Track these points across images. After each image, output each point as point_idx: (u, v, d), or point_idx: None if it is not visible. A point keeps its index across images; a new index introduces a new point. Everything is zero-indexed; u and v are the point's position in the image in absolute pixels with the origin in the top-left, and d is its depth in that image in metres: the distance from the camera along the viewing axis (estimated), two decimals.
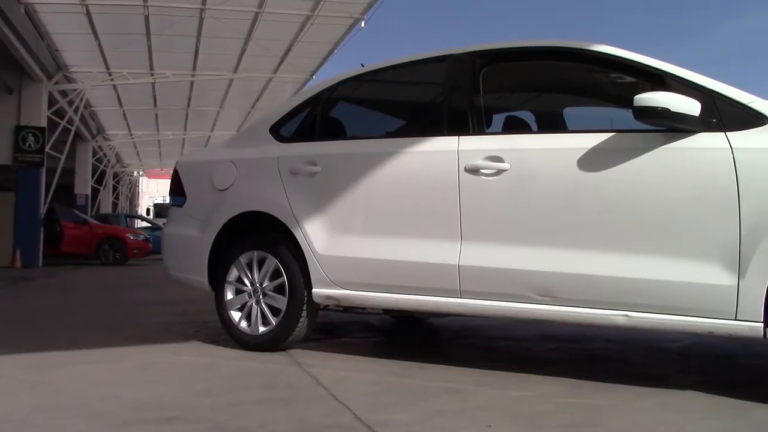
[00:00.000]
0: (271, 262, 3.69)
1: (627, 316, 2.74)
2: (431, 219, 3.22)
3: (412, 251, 3.24)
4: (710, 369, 3.42)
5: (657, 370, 3.39)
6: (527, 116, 3.80)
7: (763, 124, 2.60)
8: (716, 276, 2.57)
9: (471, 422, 2.36)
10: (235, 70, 17.00)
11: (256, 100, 20.51)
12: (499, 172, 3.05)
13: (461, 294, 3.11)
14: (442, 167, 3.20)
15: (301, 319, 3.60)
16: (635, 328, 2.82)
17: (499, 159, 3.05)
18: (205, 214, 3.97)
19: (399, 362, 3.46)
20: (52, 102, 15.82)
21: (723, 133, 2.64)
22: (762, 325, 2.50)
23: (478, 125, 3.24)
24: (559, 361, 3.65)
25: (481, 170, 3.08)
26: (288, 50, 15.72)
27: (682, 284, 2.63)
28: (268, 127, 4.00)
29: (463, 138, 3.20)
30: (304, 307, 3.58)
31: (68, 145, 17.63)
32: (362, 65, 3.88)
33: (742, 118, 2.64)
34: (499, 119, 3.61)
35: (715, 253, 2.59)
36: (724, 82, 2.76)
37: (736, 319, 2.54)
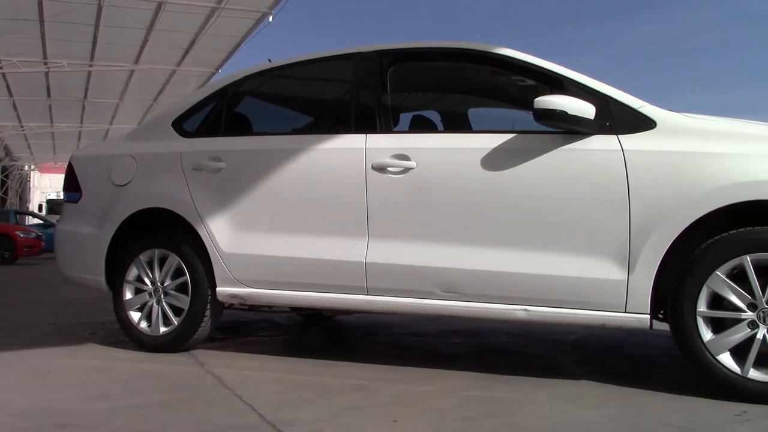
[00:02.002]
0: (173, 260, 3.58)
1: (526, 310, 2.85)
2: (338, 216, 3.22)
3: (319, 248, 3.22)
4: (602, 359, 3.60)
5: (554, 361, 3.54)
6: (433, 116, 3.87)
7: (652, 127, 2.77)
8: (608, 271, 2.71)
9: (377, 418, 2.38)
10: (137, 62, 16.42)
11: (159, 93, 19.90)
12: (406, 170, 3.08)
13: (368, 291, 3.13)
14: (349, 165, 3.20)
15: (205, 319, 3.51)
16: (534, 322, 2.93)
17: (405, 157, 3.09)
18: (103, 211, 3.81)
19: (305, 360, 3.44)
20: None
21: (615, 136, 2.79)
22: (648, 317, 2.67)
23: (386, 124, 3.27)
24: (463, 355, 3.74)
25: (388, 168, 3.11)
26: (193, 42, 15.34)
27: (576, 279, 2.76)
28: (171, 121, 3.87)
29: (370, 136, 3.22)
30: (208, 306, 3.50)
31: None
32: (270, 60, 3.83)
33: (633, 121, 2.80)
34: (406, 118, 3.66)
35: (607, 249, 2.73)
36: (622, 86, 2.91)
37: (625, 312, 2.69)
